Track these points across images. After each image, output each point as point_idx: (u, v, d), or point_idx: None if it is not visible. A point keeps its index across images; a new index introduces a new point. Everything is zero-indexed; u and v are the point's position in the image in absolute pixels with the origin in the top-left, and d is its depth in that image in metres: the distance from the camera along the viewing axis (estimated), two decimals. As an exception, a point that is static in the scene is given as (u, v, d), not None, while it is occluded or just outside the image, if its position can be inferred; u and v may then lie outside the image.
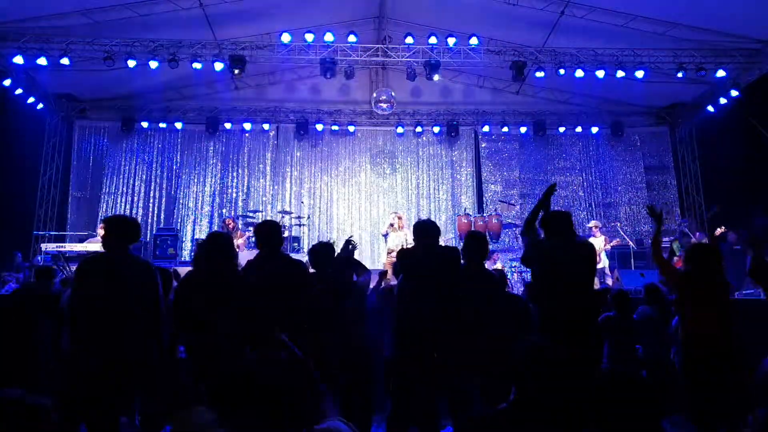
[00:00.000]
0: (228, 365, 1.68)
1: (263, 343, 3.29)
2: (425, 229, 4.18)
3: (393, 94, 11.47)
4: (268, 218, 11.76)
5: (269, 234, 4.08)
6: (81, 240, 9.74)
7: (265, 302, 3.68)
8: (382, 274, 5.37)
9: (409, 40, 9.76)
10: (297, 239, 11.34)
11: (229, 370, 1.63)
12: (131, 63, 9.22)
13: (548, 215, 4.01)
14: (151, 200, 12.26)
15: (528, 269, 4.66)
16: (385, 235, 9.47)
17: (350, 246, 4.71)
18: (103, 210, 11.89)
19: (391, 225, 9.31)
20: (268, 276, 3.86)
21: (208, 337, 3.52)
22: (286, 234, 10.87)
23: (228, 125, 12.37)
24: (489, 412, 2.20)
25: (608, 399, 1.66)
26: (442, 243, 5.08)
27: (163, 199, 12.33)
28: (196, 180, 12.47)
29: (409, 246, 4.39)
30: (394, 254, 8.90)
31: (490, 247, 10.79)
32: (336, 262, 4.55)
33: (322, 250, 4.47)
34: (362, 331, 4.45)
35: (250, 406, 1.50)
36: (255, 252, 4.20)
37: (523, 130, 12.59)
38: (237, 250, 9.34)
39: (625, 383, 1.69)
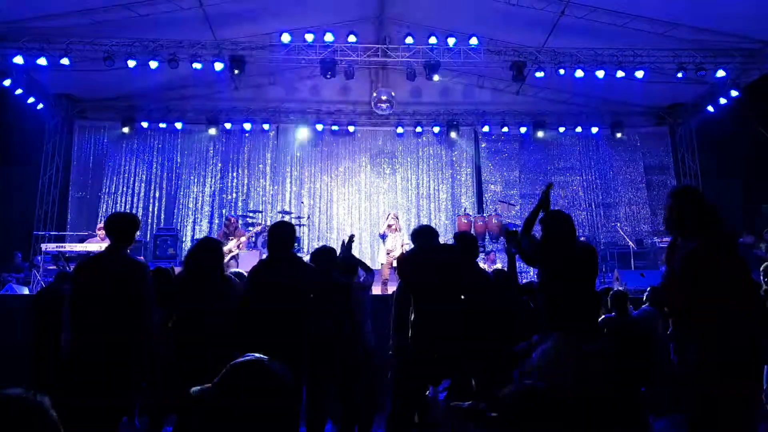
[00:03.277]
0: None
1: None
2: (423, 234, 4.25)
3: (393, 94, 11.46)
4: (275, 219, 11.75)
5: (279, 237, 4.02)
6: (81, 240, 9.73)
7: (266, 306, 3.69)
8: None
9: (409, 40, 9.76)
10: (297, 239, 11.32)
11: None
12: (131, 63, 9.21)
13: (550, 215, 3.96)
14: (151, 200, 12.26)
15: (527, 269, 4.66)
16: (383, 236, 9.47)
17: (349, 243, 4.74)
18: (103, 210, 11.89)
19: (389, 226, 9.31)
20: (272, 280, 3.85)
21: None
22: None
23: (228, 125, 12.36)
24: None
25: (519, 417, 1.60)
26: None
27: (163, 199, 12.33)
28: (196, 180, 12.47)
29: (407, 249, 4.46)
30: (392, 254, 8.93)
31: (490, 247, 10.86)
32: (341, 264, 4.57)
33: (324, 253, 4.49)
34: (363, 332, 4.46)
35: (222, 416, 1.49)
36: (255, 252, 4.21)
37: (523, 130, 12.59)
38: (237, 249, 9.28)
39: (534, 400, 1.62)
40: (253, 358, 1.56)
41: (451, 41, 9.62)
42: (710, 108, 10.89)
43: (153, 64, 9.34)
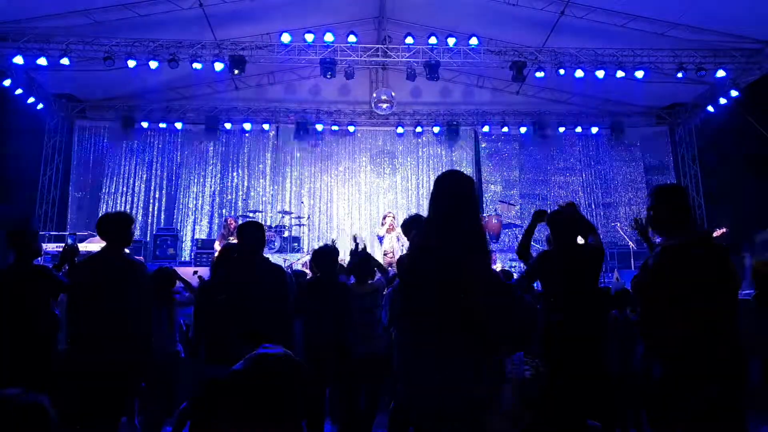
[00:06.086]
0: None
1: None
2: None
3: (393, 94, 11.46)
4: (275, 219, 11.75)
5: (247, 236, 3.90)
6: (81, 240, 9.73)
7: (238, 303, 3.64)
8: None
9: (409, 40, 9.76)
10: (297, 239, 11.35)
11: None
12: (131, 63, 9.22)
13: (556, 216, 3.96)
14: (151, 200, 12.26)
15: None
16: (380, 238, 9.44)
17: (358, 245, 4.71)
18: (103, 210, 11.88)
19: (388, 226, 9.29)
20: (242, 278, 3.77)
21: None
22: (286, 234, 10.90)
23: (228, 125, 12.37)
24: None
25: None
26: None
27: (163, 199, 12.33)
28: (196, 180, 12.47)
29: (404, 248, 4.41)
30: (389, 255, 8.91)
31: (490, 247, 10.85)
32: (353, 265, 4.54)
33: (325, 252, 4.44)
34: (365, 332, 4.44)
35: (244, 402, 1.50)
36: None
37: (523, 130, 12.59)
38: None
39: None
40: (281, 350, 1.58)
41: (451, 41, 9.62)
42: (710, 108, 10.89)
43: (153, 64, 9.34)
